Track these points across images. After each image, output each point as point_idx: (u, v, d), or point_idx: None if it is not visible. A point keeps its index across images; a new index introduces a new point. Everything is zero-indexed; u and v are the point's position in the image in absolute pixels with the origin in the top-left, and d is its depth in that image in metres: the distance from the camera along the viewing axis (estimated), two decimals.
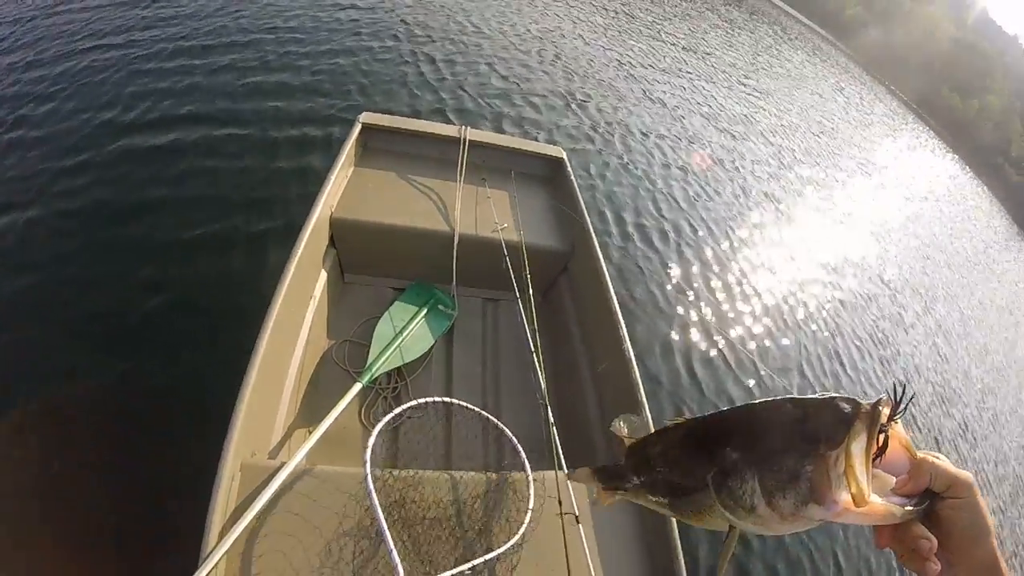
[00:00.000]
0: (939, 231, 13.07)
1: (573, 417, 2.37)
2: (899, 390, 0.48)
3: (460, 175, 2.86)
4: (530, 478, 1.64)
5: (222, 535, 1.29)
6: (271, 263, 3.19)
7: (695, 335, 4.35)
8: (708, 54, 13.84)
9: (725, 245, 5.88)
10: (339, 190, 2.60)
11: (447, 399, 1.90)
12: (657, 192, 6.08)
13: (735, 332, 4.68)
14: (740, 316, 4.97)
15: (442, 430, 2.21)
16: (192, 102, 4.56)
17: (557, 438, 1.74)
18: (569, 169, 3.17)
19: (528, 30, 9.09)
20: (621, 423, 0.71)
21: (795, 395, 0.51)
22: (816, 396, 0.50)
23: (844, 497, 0.44)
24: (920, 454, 0.49)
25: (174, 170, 3.84)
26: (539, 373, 1.97)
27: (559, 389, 2.55)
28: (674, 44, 12.92)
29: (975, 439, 5.92)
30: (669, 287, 4.72)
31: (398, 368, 2.34)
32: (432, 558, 1.43)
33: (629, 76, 9.30)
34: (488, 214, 2.73)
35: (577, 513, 1.53)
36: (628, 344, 2.14)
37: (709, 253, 5.53)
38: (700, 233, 5.76)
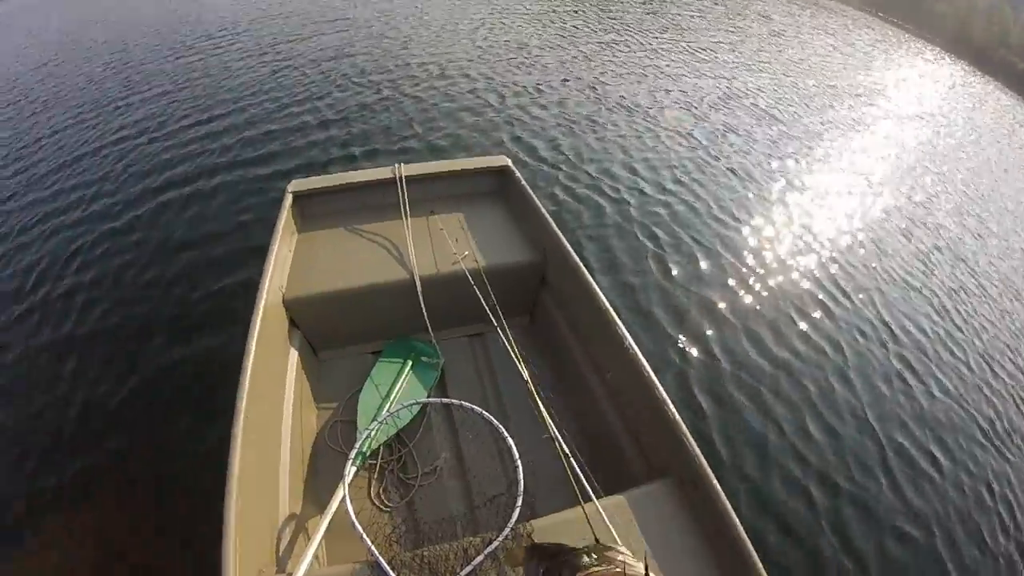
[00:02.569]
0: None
1: (597, 432, 2.23)
2: None
3: (405, 215, 2.73)
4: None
5: None
6: (230, 357, 3.03)
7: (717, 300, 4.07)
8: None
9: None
10: (285, 267, 2.45)
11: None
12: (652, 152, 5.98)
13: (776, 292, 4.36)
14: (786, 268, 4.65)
15: (458, 486, 2.07)
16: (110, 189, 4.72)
17: (577, 467, 1.61)
18: (517, 175, 3.03)
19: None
20: None
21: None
22: None
23: None
24: None
25: (112, 270, 3.87)
26: (538, 403, 1.82)
27: (575, 406, 2.40)
28: None
29: None
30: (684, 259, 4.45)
31: (396, 435, 2.17)
32: None
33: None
34: (444, 247, 2.59)
35: (618, 541, 1.36)
36: (631, 340, 1.99)
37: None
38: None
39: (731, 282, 4.25)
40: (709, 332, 3.70)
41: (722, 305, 3.98)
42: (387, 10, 10.20)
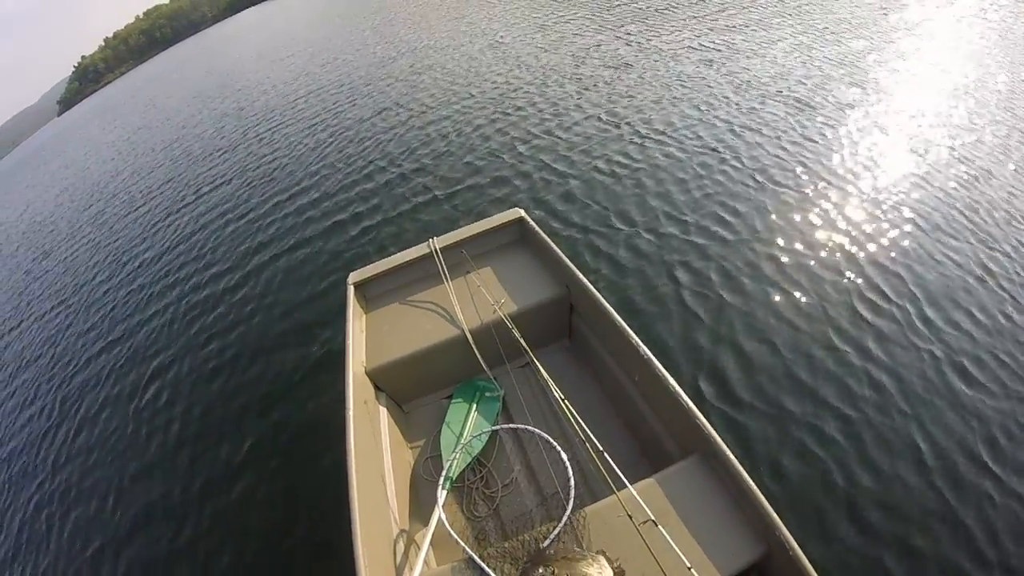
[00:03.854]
0: None
1: (636, 422, 2.64)
2: None
3: (446, 279, 3.25)
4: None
5: None
6: (330, 423, 3.69)
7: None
8: None
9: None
10: (361, 344, 3.01)
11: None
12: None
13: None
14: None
15: (530, 490, 2.53)
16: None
17: (610, 459, 1.95)
18: (531, 223, 3.44)
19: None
20: None
21: None
22: None
23: None
24: None
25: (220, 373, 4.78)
26: (568, 413, 2.25)
27: (615, 404, 2.82)
28: None
29: None
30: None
31: (477, 459, 2.67)
32: None
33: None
34: (484, 298, 3.06)
35: (653, 518, 1.74)
36: (644, 347, 2.38)
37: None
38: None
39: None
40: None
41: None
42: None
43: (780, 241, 4.41)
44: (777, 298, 3.87)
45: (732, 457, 1.86)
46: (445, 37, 15.01)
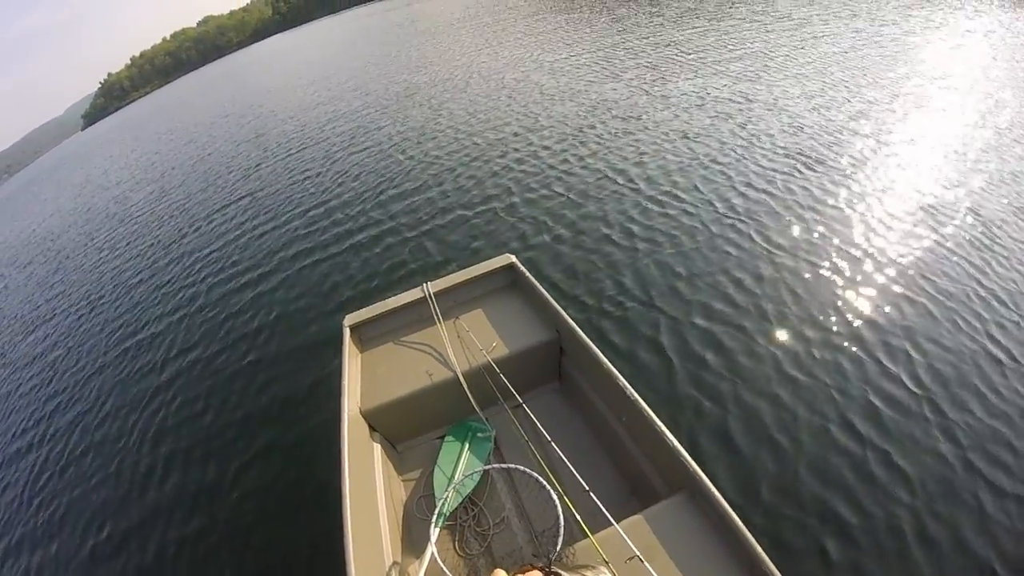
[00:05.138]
0: None
1: (624, 460, 2.74)
2: None
3: (440, 323, 3.37)
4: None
5: None
6: (325, 462, 3.77)
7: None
8: None
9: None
10: (356, 386, 3.11)
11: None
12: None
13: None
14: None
15: (521, 527, 2.63)
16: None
17: (597, 498, 2.04)
18: (522, 268, 3.53)
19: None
20: None
21: None
22: None
23: None
24: None
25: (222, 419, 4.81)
26: (558, 453, 2.40)
27: (604, 443, 2.92)
28: None
29: None
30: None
31: (469, 498, 2.77)
32: None
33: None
34: (475, 342, 3.16)
35: (640, 555, 1.81)
36: (631, 389, 2.48)
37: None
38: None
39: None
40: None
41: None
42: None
43: (784, 302, 4.35)
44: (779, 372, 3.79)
45: (718, 495, 1.92)
46: (461, 80, 15.47)
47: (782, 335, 4.00)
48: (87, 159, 35.48)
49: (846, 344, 3.84)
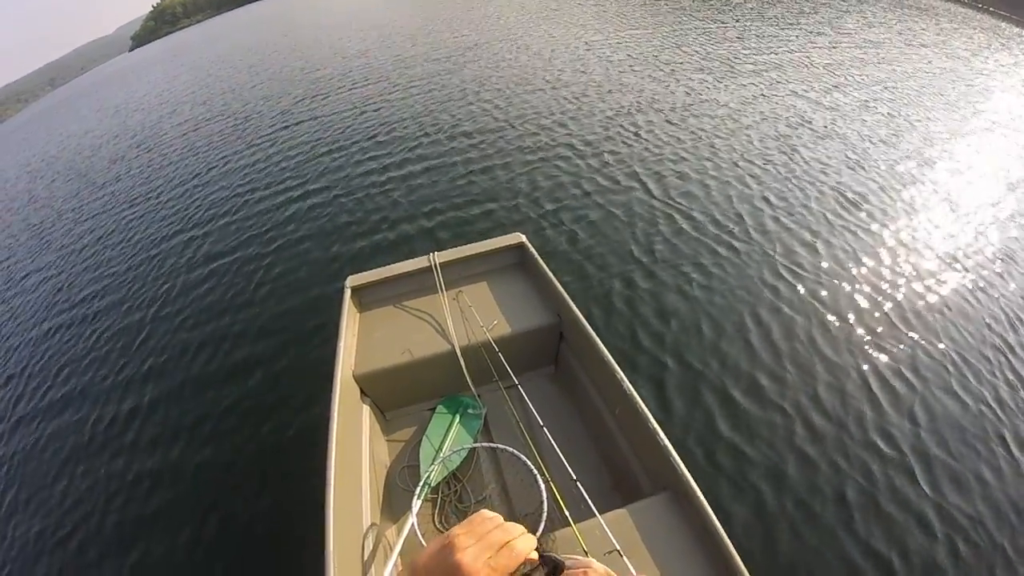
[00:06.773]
0: None
1: (611, 455, 2.69)
2: None
3: (442, 294, 3.30)
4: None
5: None
6: (315, 424, 3.77)
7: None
8: None
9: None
10: (351, 349, 3.04)
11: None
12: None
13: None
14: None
15: (503, 509, 2.58)
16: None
17: (583, 487, 2.04)
18: (531, 249, 3.46)
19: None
20: None
21: None
22: None
23: None
24: None
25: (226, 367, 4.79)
26: (547, 438, 2.37)
27: (593, 434, 2.88)
28: None
29: None
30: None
31: (453, 473, 2.75)
32: None
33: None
34: (476, 317, 3.10)
35: (619, 548, 1.80)
36: (628, 383, 2.41)
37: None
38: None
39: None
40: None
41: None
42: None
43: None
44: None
45: (702, 498, 1.90)
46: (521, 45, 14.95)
47: (805, 377, 3.79)
48: (130, 81, 35.71)
49: (862, 392, 3.70)
